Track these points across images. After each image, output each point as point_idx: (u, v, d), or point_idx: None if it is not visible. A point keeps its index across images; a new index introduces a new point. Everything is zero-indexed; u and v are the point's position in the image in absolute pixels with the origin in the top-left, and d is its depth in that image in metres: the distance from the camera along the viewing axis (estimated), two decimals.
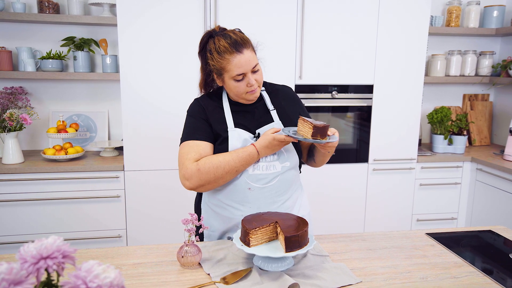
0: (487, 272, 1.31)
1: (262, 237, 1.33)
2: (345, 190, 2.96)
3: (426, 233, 1.63)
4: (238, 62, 1.43)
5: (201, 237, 1.67)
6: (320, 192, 2.92)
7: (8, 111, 2.61)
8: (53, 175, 2.59)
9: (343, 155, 2.93)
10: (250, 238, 1.29)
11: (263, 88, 1.66)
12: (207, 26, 2.58)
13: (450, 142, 3.20)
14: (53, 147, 2.73)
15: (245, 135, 1.52)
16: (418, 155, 3.05)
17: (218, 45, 1.45)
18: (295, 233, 1.26)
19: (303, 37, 2.71)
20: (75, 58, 2.87)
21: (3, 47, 2.85)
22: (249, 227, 1.30)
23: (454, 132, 3.21)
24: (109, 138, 3.13)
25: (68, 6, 2.82)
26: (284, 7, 2.66)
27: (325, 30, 2.74)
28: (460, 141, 3.17)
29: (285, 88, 1.72)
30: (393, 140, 2.96)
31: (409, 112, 2.96)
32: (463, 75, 3.42)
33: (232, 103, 1.59)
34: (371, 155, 2.95)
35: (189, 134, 1.53)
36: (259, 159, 1.51)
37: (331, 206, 2.95)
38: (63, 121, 2.81)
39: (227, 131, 1.52)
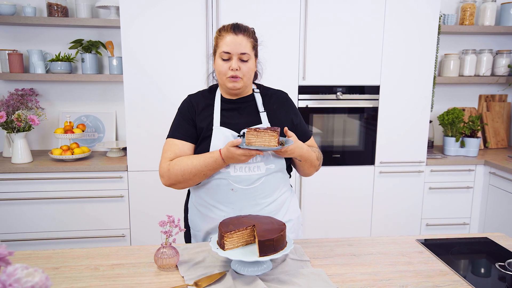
0: (472, 281, 1.25)
1: (238, 240, 1.31)
2: (351, 193, 2.90)
3: (417, 239, 1.58)
4: (229, 40, 1.50)
5: (188, 238, 1.68)
6: (325, 195, 2.87)
7: (16, 112, 2.68)
8: (59, 174, 2.65)
9: (348, 157, 2.88)
10: (225, 242, 1.28)
11: (257, 90, 1.65)
12: (209, 26, 2.58)
13: (463, 145, 3.09)
14: (60, 147, 2.79)
15: (229, 134, 1.53)
16: (427, 158, 2.96)
17: (223, 25, 1.56)
18: (269, 237, 1.24)
19: (306, 37, 2.68)
20: (82, 60, 2.93)
21: (14, 50, 2.94)
22: (224, 230, 1.29)
23: (467, 134, 3.10)
24: (116, 139, 3.18)
25: (76, 9, 2.88)
26: (287, 7, 2.63)
27: (329, 30, 2.70)
28: (473, 144, 3.06)
29: (280, 92, 1.70)
30: (401, 142, 2.89)
31: (418, 113, 2.87)
32: (478, 75, 3.30)
33: (223, 100, 1.60)
34: (378, 158, 2.88)
35: (172, 131, 1.59)
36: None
37: (337, 209, 2.90)
38: (70, 122, 2.87)
39: (212, 129, 1.54)
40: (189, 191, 1.69)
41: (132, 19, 2.54)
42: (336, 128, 2.86)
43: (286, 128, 1.48)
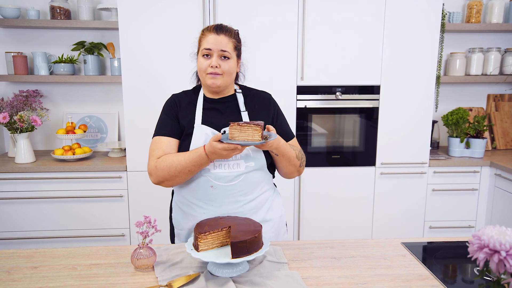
0: (451, 286, 1.22)
1: (213, 242, 1.31)
2: (351, 194, 2.86)
3: (402, 242, 1.54)
4: (210, 39, 1.52)
5: (173, 237, 1.69)
6: (325, 196, 2.84)
7: (18, 113, 2.73)
8: (61, 174, 2.69)
9: (348, 158, 2.84)
10: (199, 243, 1.28)
11: (240, 91, 1.65)
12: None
13: (468, 146, 3.02)
14: (62, 148, 2.83)
15: (209, 132, 1.54)
16: (430, 159, 2.90)
17: (208, 26, 1.60)
18: (242, 239, 1.23)
19: (304, 37, 2.65)
20: (85, 61, 2.97)
21: (19, 52, 3.00)
22: (198, 231, 1.28)
23: (472, 135, 3.02)
24: (119, 139, 3.21)
25: (78, 11, 2.92)
26: (285, 7, 2.62)
27: (328, 29, 2.67)
28: (479, 145, 2.98)
29: (263, 93, 1.70)
30: (403, 143, 2.83)
31: (420, 113, 2.82)
32: (486, 74, 3.22)
33: (206, 99, 1.62)
34: (379, 158, 2.84)
35: (158, 129, 1.61)
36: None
37: (337, 211, 2.87)
38: (72, 123, 2.92)
39: (193, 127, 1.55)
40: (173, 190, 1.70)
41: (130, 20, 2.57)
42: (336, 129, 2.83)
43: (269, 126, 1.47)
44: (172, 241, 1.70)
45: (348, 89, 2.77)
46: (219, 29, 1.53)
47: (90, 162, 2.80)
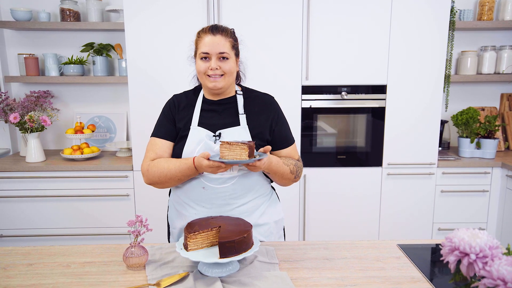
0: None
1: (203, 241, 1.31)
2: (357, 195, 2.83)
3: (398, 244, 1.52)
4: (207, 41, 1.51)
5: (169, 236, 1.70)
6: (331, 196, 2.82)
7: (28, 113, 2.79)
8: (69, 173, 2.74)
9: (354, 158, 2.81)
10: (188, 242, 1.28)
11: (240, 92, 1.64)
12: None
13: (478, 146, 2.95)
14: (71, 147, 2.89)
15: (204, 134, 1.53)
16: (439, 160, 2.84)
17: (203, 27, 1.58)
18: (230, 239, 1.23)
19: (309, 37, 2.64)
20: (93, 62, 3.02)
21: (31, 54, 3.07)
22: (188, 231, 1.29)
23: (483, 135, 2.95)
24: (127, 139, 3.25)
25: (87, 13, 2.97)
26: (290, 7, 2.60)
27: (332, 29, 2.65)
28: (490, 145, 2.91)
29: (265, 96, 1.67)
30: (410, 143, 2.79)
31: (428, 113, 2.77)
32: (498, 73, 3.14)
33: (205, 101, 1.61)
34: (386, 159, 2.80)
35: (155, 130, 1.63)
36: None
37: (342, 212, 2.84)
38: (80, 123, 2.97)
39: (189, 129, 1.55)
40: (170, 189, 1.71)
41: (135, 21, 2.59)
42: (342, 129, 2.80)
43: (267, 147, 1.45)
44: (169, 240, 1.71)
45: (354, 89, 2.74)
46: (215, 29, 1.52)
47: (98, 161, 2.85)
